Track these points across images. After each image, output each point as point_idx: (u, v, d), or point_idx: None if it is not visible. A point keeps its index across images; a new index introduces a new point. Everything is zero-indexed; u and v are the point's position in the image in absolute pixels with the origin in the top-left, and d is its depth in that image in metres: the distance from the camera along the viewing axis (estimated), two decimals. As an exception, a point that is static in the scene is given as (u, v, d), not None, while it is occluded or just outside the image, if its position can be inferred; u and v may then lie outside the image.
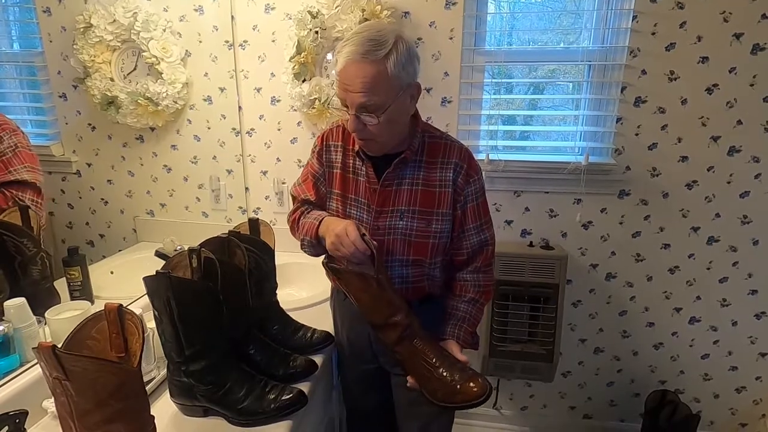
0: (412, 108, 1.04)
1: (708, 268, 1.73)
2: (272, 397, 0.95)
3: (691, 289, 1.76)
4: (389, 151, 1.05)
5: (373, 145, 1.03)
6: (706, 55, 1.53)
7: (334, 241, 1.01)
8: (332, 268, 1.05)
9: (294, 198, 1.22)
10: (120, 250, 1.58)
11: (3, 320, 0.95)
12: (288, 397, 0.96)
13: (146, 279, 0.89)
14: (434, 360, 1.00)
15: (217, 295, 0.94)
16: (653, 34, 1.54)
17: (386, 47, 0.93)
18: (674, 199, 1.68)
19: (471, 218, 1.09)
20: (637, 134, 1.64)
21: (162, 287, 0.87)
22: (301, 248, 1.17)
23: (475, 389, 0.95)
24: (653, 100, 1.60)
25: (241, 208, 1.88)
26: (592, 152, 1.68)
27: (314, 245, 1.12)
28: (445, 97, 1.68)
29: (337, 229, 1.01)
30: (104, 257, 1.50)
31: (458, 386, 0.96)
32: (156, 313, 0.91)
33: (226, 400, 0.94)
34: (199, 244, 0.98)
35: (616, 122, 1.63)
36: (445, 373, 0.98)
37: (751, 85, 1.53)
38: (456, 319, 1.11)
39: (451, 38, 1.63)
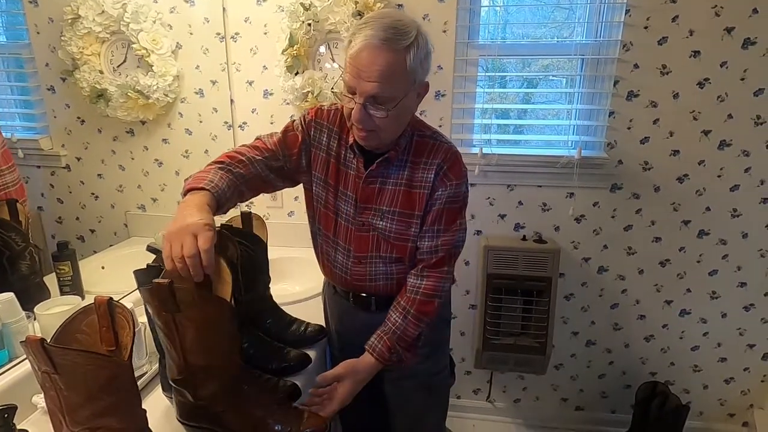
0: (416, 106, 1.00)
1: (698, 261, 1.75)
2: (265, 390, 0.95)
3: (681, 282, 1.78)
4: (383, 147, 1.01)
5: (374, 139, 0.96)
6: (697, 49, 1.54)
7: (176, 231, 0.74)
8: (168, 282, 0.73)
9: (257, 139, 1.04)
10: (111, 245, 1.56)
11: (-9, 315, 0.94)
12: (281, 390, 0.95)
13: (137, 273, 0.88)
14: (265, 409, 0.86)
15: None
16: (646, 27, 1.54)
17: (409, 38, 0.86)
18: (665, 193, 1.69)
19: (431, 220, 1.01)
20: (629, 128, 1.64)
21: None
22: None
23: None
24: (645, 94, 1.60)
25: (233, 202, 1.86)
26: (585, 146, 1.69)
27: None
28: (438, 91, 1.68)
29: (192, 219, 0.76)
30: (95, 252, 1.49)
31: None
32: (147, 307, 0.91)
33: (219, 394, 0.94)
34: (191, 238, 0.97)
35: (609, 116, 1.64)
36: (277, 426, 0.84)
37: (742, 79, 1.54)
38: (382, 329, 1.02)
39: (444, 31, 1.62)
